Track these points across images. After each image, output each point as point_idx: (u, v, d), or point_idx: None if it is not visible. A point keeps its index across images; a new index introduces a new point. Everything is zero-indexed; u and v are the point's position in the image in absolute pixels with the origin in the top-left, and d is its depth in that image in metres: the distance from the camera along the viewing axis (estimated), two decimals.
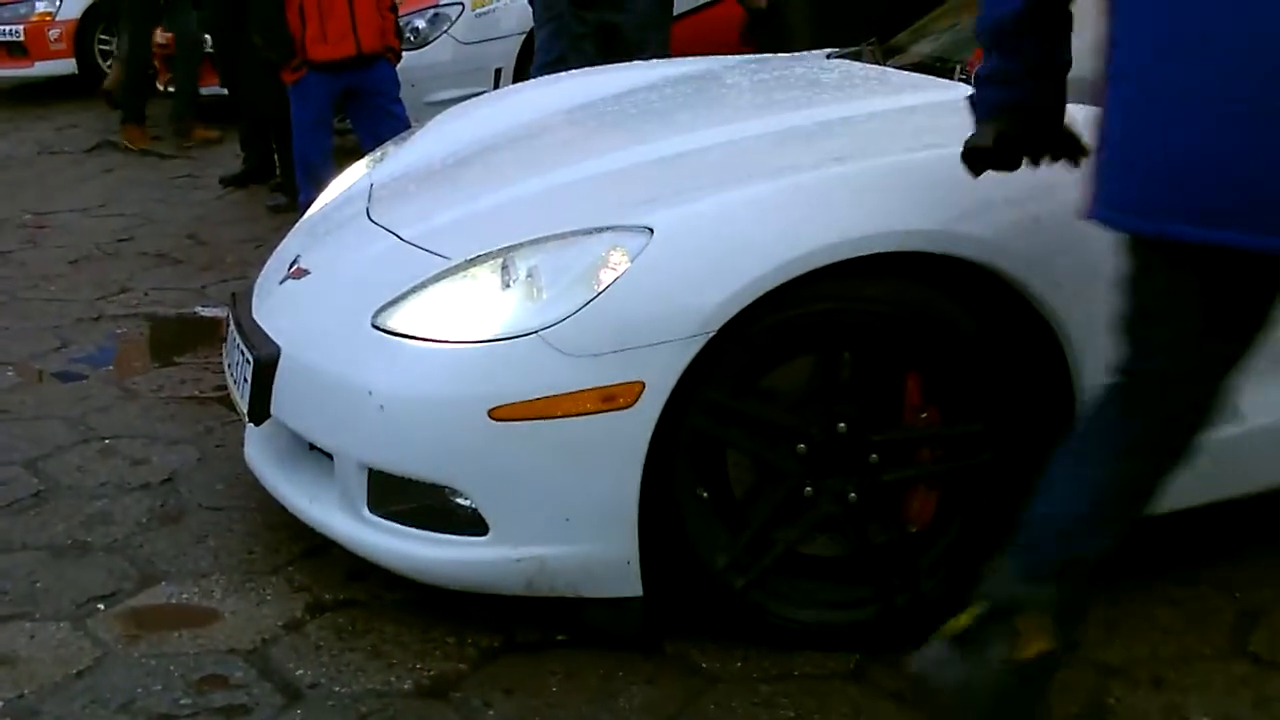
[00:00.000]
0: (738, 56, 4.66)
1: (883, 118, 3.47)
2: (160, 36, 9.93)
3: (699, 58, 4.85)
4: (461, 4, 8.40)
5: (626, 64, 4.82)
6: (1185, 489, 3.11)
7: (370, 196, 3.78)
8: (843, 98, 3.77)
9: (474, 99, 5.16)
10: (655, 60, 4.89)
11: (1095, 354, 2.97)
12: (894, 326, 2.93)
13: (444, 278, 3.06)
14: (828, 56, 4.40)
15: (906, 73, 3.92)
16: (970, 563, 3.04)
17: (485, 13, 8.36)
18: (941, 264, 2.92)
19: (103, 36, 11.40)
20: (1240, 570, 3.34)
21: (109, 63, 11.07)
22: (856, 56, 4.29)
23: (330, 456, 3.09)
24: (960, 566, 3.03)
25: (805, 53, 4.53)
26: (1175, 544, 3.35)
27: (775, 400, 2.97)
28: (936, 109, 3.49)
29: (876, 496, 3.00)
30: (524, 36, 8.06)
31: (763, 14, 6.86)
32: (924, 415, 3.01)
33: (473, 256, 3.06)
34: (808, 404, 2.97)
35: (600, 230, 2.95)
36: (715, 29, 7.61)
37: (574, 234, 2.98)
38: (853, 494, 2.98)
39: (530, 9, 7.35)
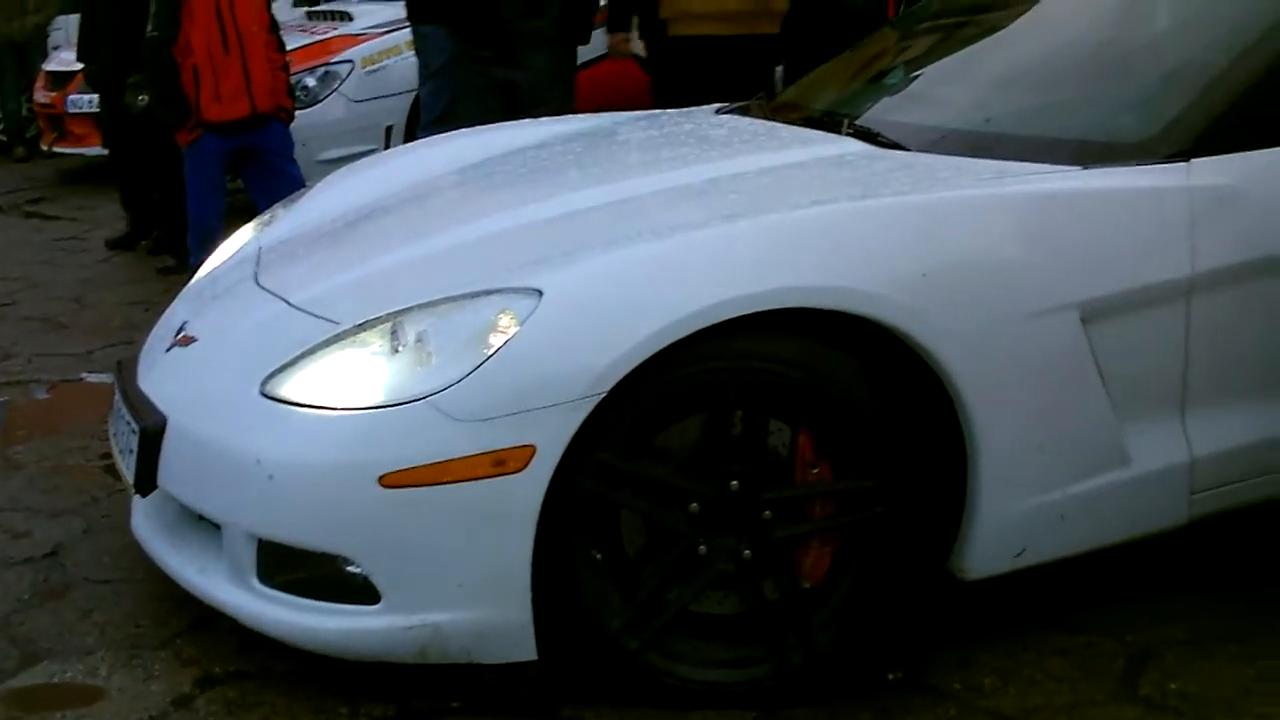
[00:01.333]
0: (629, 113, 4.67)
1: (771, 174, 3.49)
2: (43, 95, 9.85)
3: (590, 114, 4.88)
4: (351, 62, 8.39)
5: (518, 122, 4.81)
6: (1073, 536, 3.20)
7: (259, 260, 3.75)
8: (732, 154, 3.78)
9: (364, 159, 5.15)
10: (546, 117, 4.88)
11: (987, 405, 3.01)
12: (784, 383, 2.94)
13: (333, 344, 3.04)
14: (716, 112, 4.43)
15: (795, 127, 3.95)
16: (865, 618, 3.06)
17: (376, 70, 8.35)
18: (831, 319, 2.94)
19: None
20: (1127, 613, 3.37)
21: None
22: (745, 111, 4.32)
23: (219, 527, 3.04)
24: (855, 622, 3.04)
25: (695, 109, 4.55)
26: (1062, 591, 3.38)
27: (667, 460, 2.97)
28: (824, 164, 3.54)
29: (770, 553, 3.00)
30: (414, 94, 8.05)
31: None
32: (816, 471, 3.02)
33: (362, 322, 3.04)
34: (700, 463, 2.97)
35: (489, 293, 2.94)
36: (614, 80, 7.64)
37: (463, 297, 2.97)
38: (746, 551, 2.98)
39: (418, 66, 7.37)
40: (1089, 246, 3.13)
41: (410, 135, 7.99)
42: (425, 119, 7.30)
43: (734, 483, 2.96)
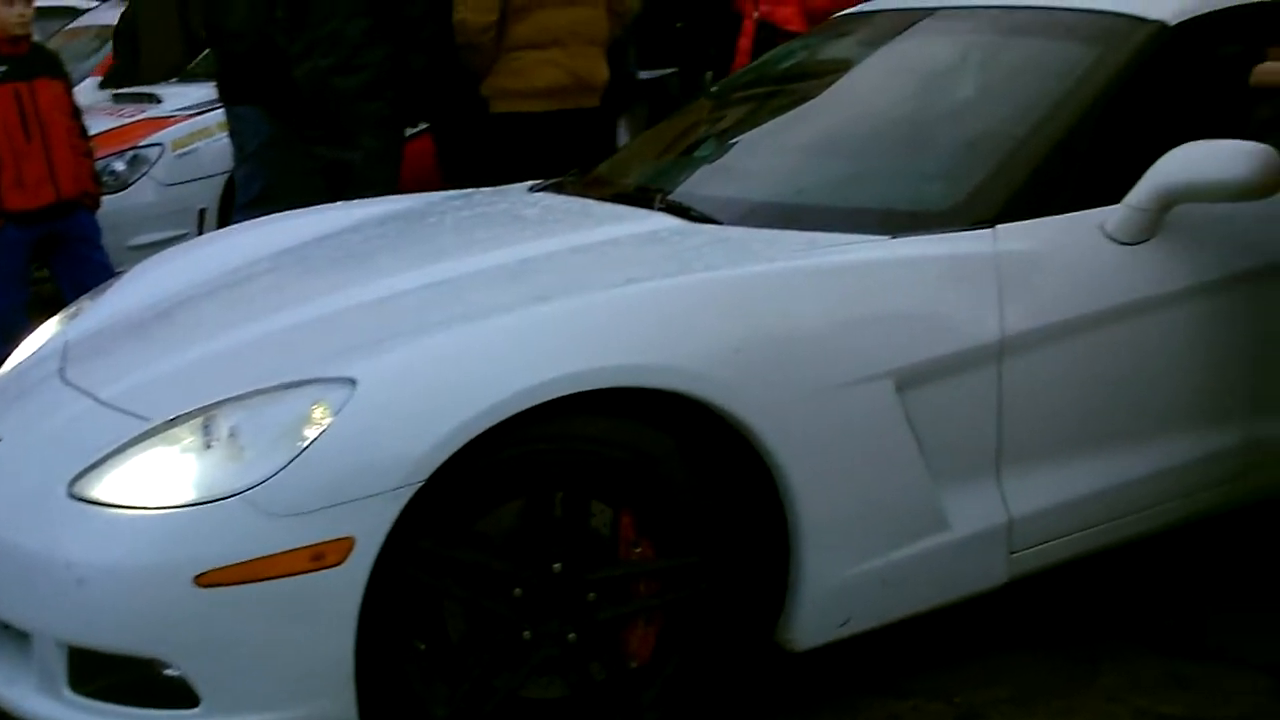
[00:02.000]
0: (442, 193, 4.65)
1: (585, 252, 3.49)
2: None
3: (402, 196, 4.85)
4: (161, 145, 8.24)
5: (331, 205, 4.76)
6: (896, 602, 3.24)
7: (65, 355, 3.64)
8: (545, 233, 3.78)
9: (175, 246, 5.06)
10: (362, 199, 4.83)
11: (805, 476, 3.04)
12: (603, 463, 2.93)
13: (143, 441, 2.96)
14: (530, 189, 4.42)
15: (608, 204, 3.96)
16: (694, 695, 3.05)
17: (186, 153, 8.22)
18: (649, 397, 2.94)
19: None
20: (954, 674, 3.42)
21: None
22: (559, 189, 4.33)
23: (27, 635, 2.94)
24: (684, 699, 3.03)
25: (507, 187, 4.55)
26: (891, 654, 3.41)
27: (489, 545, 2.94)
28: (638, 241, 3.55)
29: (596, 635, 2.98)
30: (227, 176, 7.93)
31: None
32: (639, 550, 3.01)
33: (172, 417, 2.96)
34: (522, 547, 2.95)
35: (302, 384, 2.89)
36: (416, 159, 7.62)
37: (275, 389, 2.92)
38: (572, 634, 2.96)
39: (232, 147, 7.27)
40: (900, 315, 3.18)
41: (225, 218, 7.86)
42: (241, 201, 7.19)
43: (557, 565, 2.94)
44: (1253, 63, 3.78)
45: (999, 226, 3.34)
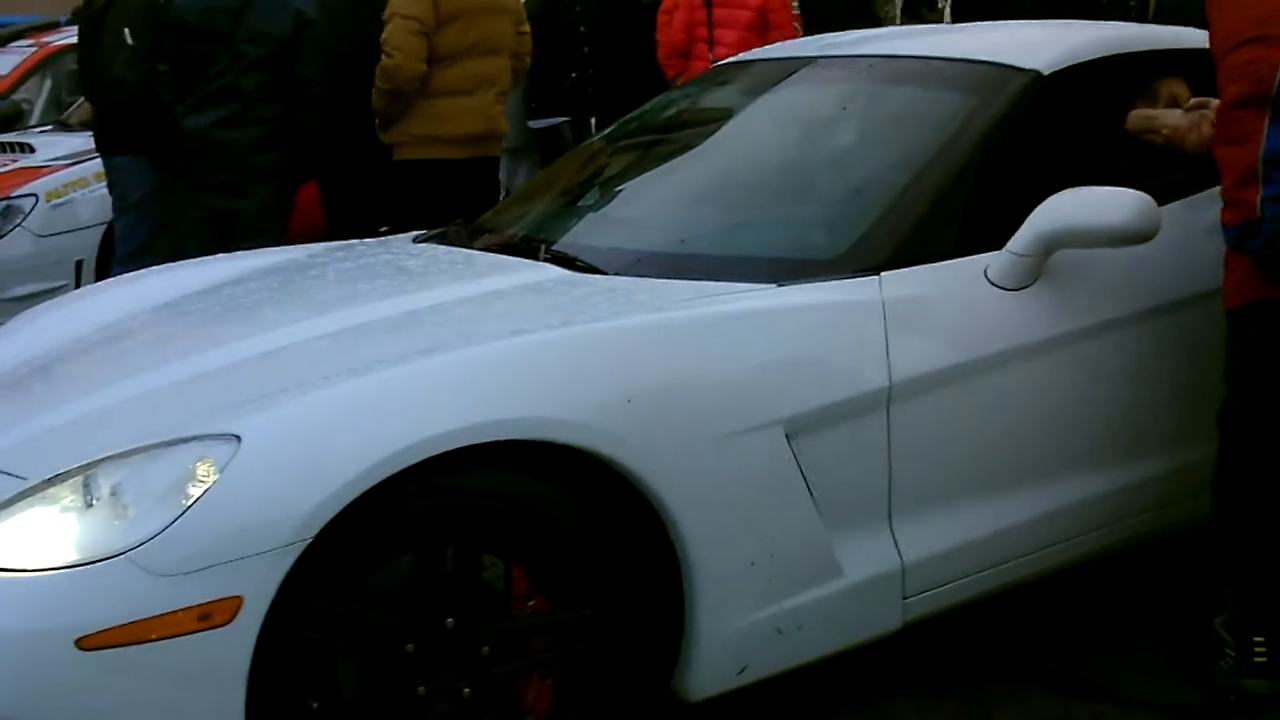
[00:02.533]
0: (325, 244, 4.61)
1: (470, 304, 3.47)
2: None
3: (285, 247, 4.80)
4: (35, 195, 8.09)
5: (212, 257, 4.70)
6: (792, 649, 3.24)
7: None
8: (430, 284, 3.73)
9: (52, 299, 4.95)
10: (241, 251, 4.77)
11: (697, 525, 3.03)
12: (494, 517, 2.91)
13: (21, 500, 2.88)
14: (414, 239, 4.39)
15: (492, 255, 3.95)
16: None
17: (62, 203, 8.08)
18: (539, 449, 2.93)
19: None
20: None
21: None
22: (443, 239, 4.30)
23: None
24: None
25: (391, 237, 4.52)
26: (779, 706, 3.41)
27: (380, 601, 2.90)
28: (523, 292, 3.53)
29: (490, 690, 2.95)
30: (105, 227, 7.80)
31: None
32: (531, 603, 2.99)
33: (51, 476, 2.89)
34: (414, 602, 2.91)
35: (186, 440, 2.83)
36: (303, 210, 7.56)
37: (158, 446, 2.86)
38: (466, 690, 2.93)
39: (110, 198, 7.18)
40: (788, 362, 3.20)
41: (103, 270, 7.74)
42: (121, 252, 7.10)
43: (449, 620, 2.91)
44: (1125, 110, 3.87)
45: (884, 274, 3.38)
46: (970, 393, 3.38)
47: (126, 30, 6.80)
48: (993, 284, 3.45)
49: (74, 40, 8.24)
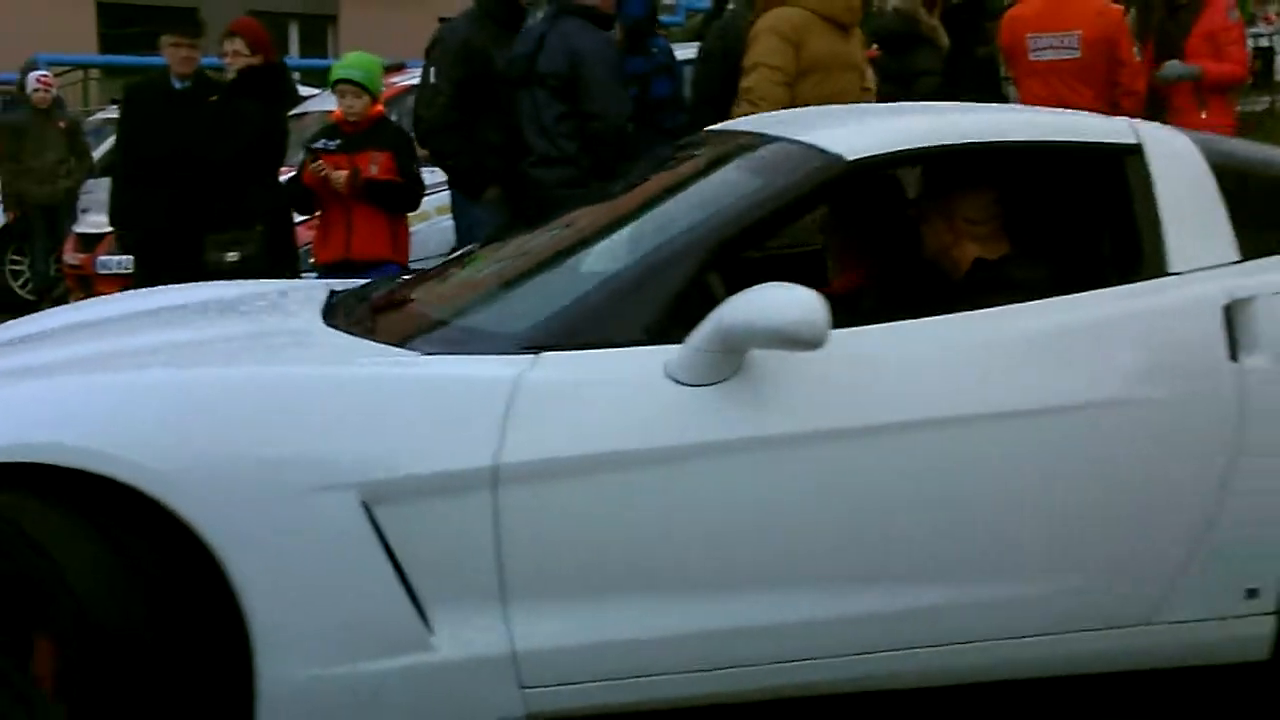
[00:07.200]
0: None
1: (194, 346, 3.64)
2: (73, 256, 10.26)
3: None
4: None
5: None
6: (376, 715, 3.19)
7: None
8: (203, 326, 3.92)
9: None
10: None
11: (255, 576, 3.07)
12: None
13: None
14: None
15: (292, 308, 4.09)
16: None
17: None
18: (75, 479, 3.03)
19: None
20: None
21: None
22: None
23: None
24: None
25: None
26: None
27: None
28: (249, 337, 3.66)
29: None
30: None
31: None
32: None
33: None
34: None
35: None
36: None
37: None
38: None
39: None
40: (377, 430, 3.17)
41: None
42: None
43: None
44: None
45: (546, 354, 3.30)
46: (617, 485, 3.22)
47: None
48: (669, 377, 3.30)
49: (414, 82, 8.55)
